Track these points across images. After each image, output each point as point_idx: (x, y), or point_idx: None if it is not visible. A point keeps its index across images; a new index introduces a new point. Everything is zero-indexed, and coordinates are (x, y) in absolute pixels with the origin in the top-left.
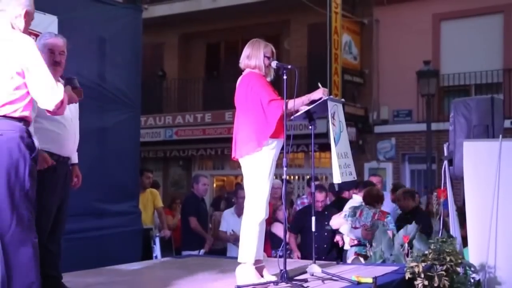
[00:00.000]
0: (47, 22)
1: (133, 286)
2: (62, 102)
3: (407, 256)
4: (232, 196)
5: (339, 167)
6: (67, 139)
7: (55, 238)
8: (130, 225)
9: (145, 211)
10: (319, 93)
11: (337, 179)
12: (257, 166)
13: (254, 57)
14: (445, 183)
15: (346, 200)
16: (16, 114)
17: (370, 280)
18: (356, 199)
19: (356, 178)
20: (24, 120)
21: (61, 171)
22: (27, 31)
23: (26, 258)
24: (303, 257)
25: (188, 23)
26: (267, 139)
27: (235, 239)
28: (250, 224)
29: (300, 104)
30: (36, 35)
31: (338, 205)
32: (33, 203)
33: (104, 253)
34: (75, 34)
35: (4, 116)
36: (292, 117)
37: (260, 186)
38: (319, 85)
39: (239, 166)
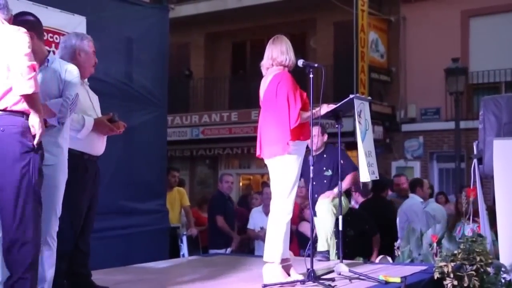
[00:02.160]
0: (76, 23)
1: (160, 284)
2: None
3: (436, 255)
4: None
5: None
6: (97, 139)
7: (84, 237)
8: (157, 223)
9: (172, 209)
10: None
11: (365, 177)
12: (283, 167)
13: (284, 54)
14: (474, 182)
15: (383, 200)
16: (18, 107)
17: (398, 280)
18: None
19: (378, 178)
20: (26, 114)
21: (91, 170)
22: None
23: (25, 257)
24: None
25: (214, 23)
26: (292, 141)
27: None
28: (276, 224)
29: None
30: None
31: (374, 204)
32: (40, 200)
33: (132, 251)
34: (103, 34)
35: (5, 110)
36: (318, 115)
37: (286, 187)
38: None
39: (265, 165)
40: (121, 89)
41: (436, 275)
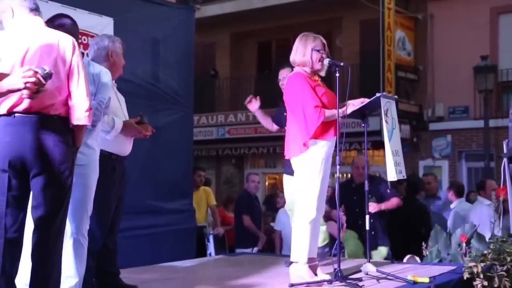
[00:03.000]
0: (104, 24)
1: (187, 283)
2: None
3: (465, 256)
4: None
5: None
6: (125, 139)
7: (112, 235)
8: (184, 223)
9: (198, 209)
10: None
11: (392, 176)
12: (305, 166)
13: (301, 53)
14: (504, 181)
15: (416, 201)
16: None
17: (427, 280)
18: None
19: (405, 177)
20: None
21: (119, 170)
22: None
23: None
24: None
25: (239, 22)
26: (309, 141)
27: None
28: (301, 223)
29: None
30: (92, 37)
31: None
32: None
33: (159, 250)
34: (130, 35)
35: (48, 114)
36: (344, 114)
37: (309, 185)
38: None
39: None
40: (148, 89)
41: (466, 276)
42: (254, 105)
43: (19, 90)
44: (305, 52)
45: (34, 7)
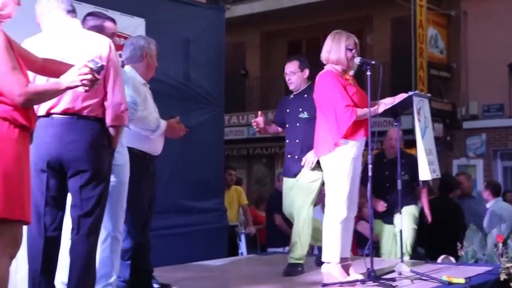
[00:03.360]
0: (135, 25)
1: (219, 282)
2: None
3: (502, 256)
4: None
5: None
6: (158, 139)
7: (144, 233)
8: (216, 222)
9: (230, 208)
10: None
11: (426, 175)
12: (334, 165)
13: (334, 51)
14: None
15: (450, 200)
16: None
17: (462, 281)
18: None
19: (439, 176)
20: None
21: (151, 169)
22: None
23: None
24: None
25: (269, 22)
26: (339, 141)
27: None
28: (331, 223)
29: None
30: (125, 38)
31: (440, 204)
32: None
33: (191, 249)
34: (161, 35)
35: (87, 117)
36: (376, 113)
37: (339, 185)
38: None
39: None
40: (179, 89)
41: (503, 277)
42: (261, 124)
43: (76, 87)
44: (339, 50)
45: (71, 9)
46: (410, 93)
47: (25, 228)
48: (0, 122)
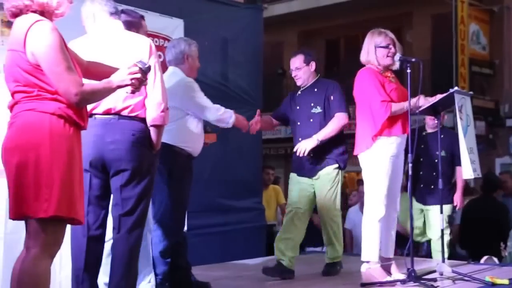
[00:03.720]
0: (174, 26)
1: (258, 281)
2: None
3: None
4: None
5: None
6: (200, 140)
7: (182, 231)
8: (254, 221)
9: (268, 207)
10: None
11: (468, 174)
12: (371, 162)
13: (365, 51)
14: None
15: (494, 200)
16: (143, 114)
17: (506, 282)
18: None
19: (480, 175)
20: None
21: (192, 169)
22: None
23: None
24: None
25: (307, 21)
26: (377, 137)
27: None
28: (369, 222)
29: (402, 107)
30: (164, 39)
31: (483, 204)
32: None
33: (229, 248)
34: (200, 36)
35: (133, 117)
36: (417, 111)
37: (376, 182)
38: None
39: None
40: (218, 89)
41: None
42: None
43: (126, 86)
44: (368, 50)
45: (114, 11)
46: (452, 90)
47: (68, 226)
48: (56, 120)
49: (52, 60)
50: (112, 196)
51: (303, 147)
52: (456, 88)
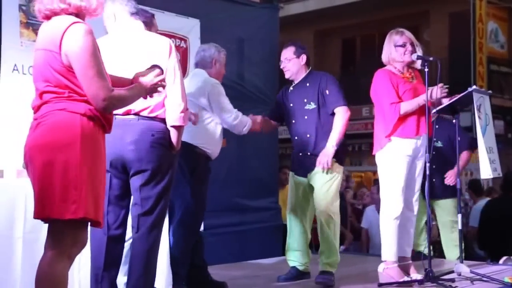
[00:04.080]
0: (190, 26)
1: (274, 280)
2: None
3: None
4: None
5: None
6: (220, 144)
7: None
8: (270, 220)
9: (284, 207)
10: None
11: (487, 174)
12: (385, 162)
13: (385, 51)
14: None
15: None
16: (163, 115)
17: None
18: None
19: (501, 175)
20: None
21: (210, 170)
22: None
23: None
24: None
25: (323, 20)
26: (391, 138)
27: None
28: (385, 221)
29: (415, 104)
30: (180, 39)
31: (502, 204)
32: None
33: (246, 247)
34: (216, 35)
35: (154, 117)
36: (434, 110)
37: (390, 182)
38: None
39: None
40: (234, 89)
41: None
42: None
43: (156, 91)
44: (388, 50)
45: (135, 11)
46: (470, 89)
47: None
48: (87, 121)
49: (85, 63)
50: (132, 196)
51: (324, 161)
52: (474, 87)
